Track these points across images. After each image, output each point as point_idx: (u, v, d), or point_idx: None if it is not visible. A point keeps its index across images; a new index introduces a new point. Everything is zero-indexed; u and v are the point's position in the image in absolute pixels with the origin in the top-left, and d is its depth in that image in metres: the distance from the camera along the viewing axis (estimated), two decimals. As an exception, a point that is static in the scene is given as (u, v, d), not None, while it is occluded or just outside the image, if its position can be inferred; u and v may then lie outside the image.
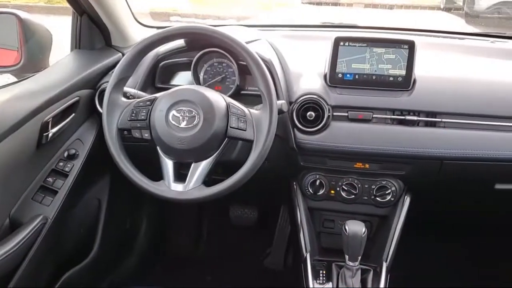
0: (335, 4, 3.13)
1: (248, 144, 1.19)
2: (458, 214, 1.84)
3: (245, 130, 1.18)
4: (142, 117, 1.20)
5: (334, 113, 1.37)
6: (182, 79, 1.54)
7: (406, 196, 1.47)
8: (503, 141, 1.33)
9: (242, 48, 1.19)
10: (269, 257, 2.17)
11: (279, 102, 1.22)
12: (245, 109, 1.21)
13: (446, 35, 1.87)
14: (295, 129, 1.38)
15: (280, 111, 1.23)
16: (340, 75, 1.39)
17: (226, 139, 1.20)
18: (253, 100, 1.33)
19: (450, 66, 1.54)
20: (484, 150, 1.33)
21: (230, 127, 1.17)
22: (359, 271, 1.31)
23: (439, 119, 1.34)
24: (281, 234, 2.16)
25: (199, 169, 1.19)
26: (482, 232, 2.07)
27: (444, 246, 2.10)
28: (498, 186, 1.44)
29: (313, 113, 1.35)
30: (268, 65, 1.36)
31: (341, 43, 1.37)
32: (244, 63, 1.22)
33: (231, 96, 1.27)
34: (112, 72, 1.26)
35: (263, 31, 1.69)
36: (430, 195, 1.55)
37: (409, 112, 1.35)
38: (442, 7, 3.80)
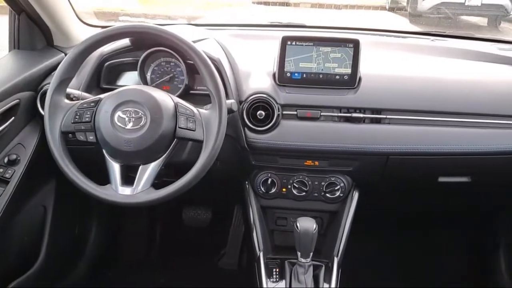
0: (284, 4, 3.16)
1: (198, 144, 1.18)
2: (406, 208, 1.90)
3: (194, 130, 1.17)
4: (87, 119, 1.16)
5: (284, 112, 1.38)
6: (129, 79, 1.51)
7: (354, 192, 1.50)
8: (444, 135, 1.38)
9: (188, 47, 1.18)
10: (223, 257, 2.17)
11: (229, 101, 1.22)
12: (194, 109, 1.20)
13: (390, 34, 1.93)
14: (245, 128, 1.39)
15: (230, 111, 1.22)
16: (288, 74, 1.40)
17: (175, 140, 1.18)
18: (202, 99, 1.32)
19: (394, 64, 1.59)
20: (427, 144, 1.38)
21: (179, 127, 1.16)
22: (311, 267, 1.33)
23: (384, 116, 1.38)
24: (235, 234, 2.16)
25: (148, 171, 1.17)
26: (431, 225, 2.15)
27: (395, 240, 2.17)
28: (441, 179, 1.50)
29: (263, 112, 1.36)
30: (216, 64, 1.36)
31: (289, 43, 1.38)
32: (192, 62, 1.21)
33: (179, 96, 1.26)
34: (54, 73, 1.21)
35: (211, 30, 1.68)
36: (378, 189, 1.59)
37: (355, 109, 1.38)
38: (387, 7, 3.92)
